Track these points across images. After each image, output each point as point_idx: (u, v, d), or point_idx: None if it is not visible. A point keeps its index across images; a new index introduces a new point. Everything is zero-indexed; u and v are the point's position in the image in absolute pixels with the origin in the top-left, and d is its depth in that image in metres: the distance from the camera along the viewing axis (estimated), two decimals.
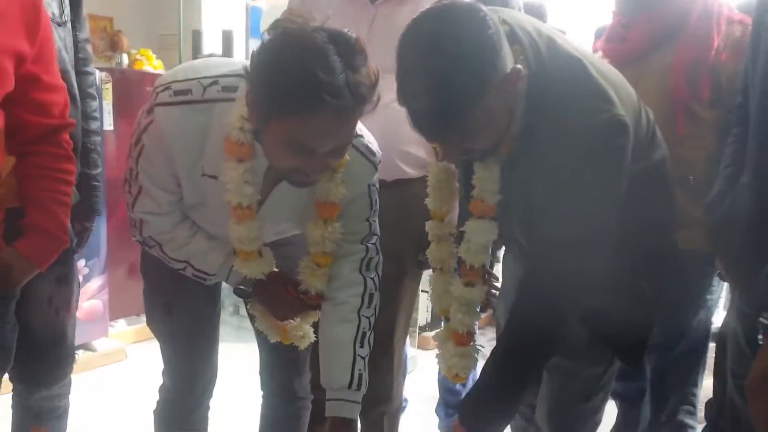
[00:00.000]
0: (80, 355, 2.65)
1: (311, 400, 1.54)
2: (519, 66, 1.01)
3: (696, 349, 1.68)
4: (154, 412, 1.50)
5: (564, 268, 1.08)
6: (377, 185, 1.28)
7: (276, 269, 1.28)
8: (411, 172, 1.55)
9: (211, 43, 3.28)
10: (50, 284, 1.40)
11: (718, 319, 1.86)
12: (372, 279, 1.29)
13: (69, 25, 1.45)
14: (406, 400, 2.14)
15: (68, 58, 1.42)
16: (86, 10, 1.56)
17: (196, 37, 2.95)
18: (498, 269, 1.58)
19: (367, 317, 1.28)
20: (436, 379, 2.26)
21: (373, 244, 1.30)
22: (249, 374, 2.28)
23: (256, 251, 1.23)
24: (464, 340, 1.31)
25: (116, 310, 2.98)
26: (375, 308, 1.30)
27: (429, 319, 3.29)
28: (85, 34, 1.55)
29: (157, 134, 1.12)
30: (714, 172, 1.46)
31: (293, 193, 1.19)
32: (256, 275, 1.25)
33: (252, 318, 1.39)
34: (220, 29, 3.26)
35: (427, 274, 1.59)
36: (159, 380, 1.49)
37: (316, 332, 1.36)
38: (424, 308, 3.24)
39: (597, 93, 1.06)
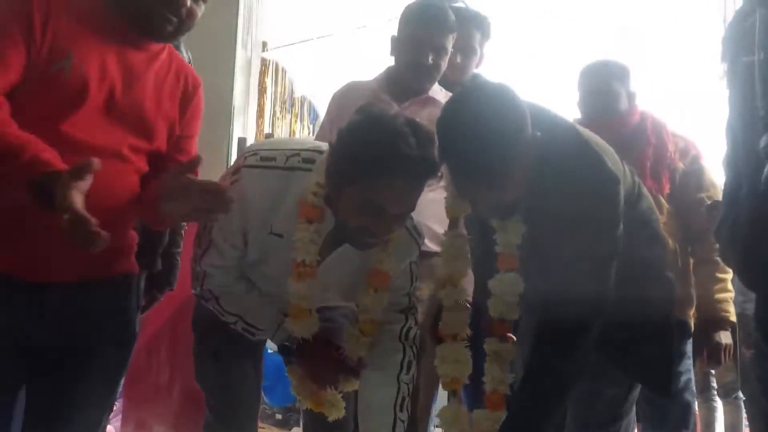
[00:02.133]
0: None
1: None
2: (537, 132, 1.24)
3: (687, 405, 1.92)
4: None
5: (575, 304, 1.24)
6: (418, 263, 1.45)
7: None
8: (432, 246, 1.74)
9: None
10: None
11: None
12: (411, 348, 1.41)
13: None
14: None
15: None
16: None
17: (242, 142, 3.31)
18: None
19: (406, 383, 1.38)
20: None
21: (412, 314, 1.43)
22: None
23: (308, 310, 1.35)
24: (500, 401, 1.35)
25: None
26: (413, 377, 1.40)
27: None
28: None
29: (239, 192, 1.30)
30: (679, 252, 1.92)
31: (347, 261, 1.37)
32: (302, 334, 1.36)
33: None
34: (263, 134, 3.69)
35: None
36: None
37: (347, 405, 1.44)
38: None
39: (589, 152, 1.32)
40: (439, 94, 1.95)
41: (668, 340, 1.43)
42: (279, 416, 3.83)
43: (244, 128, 3.62)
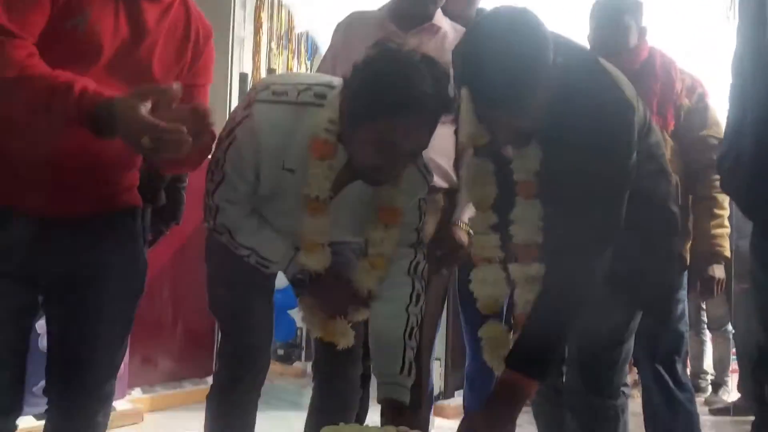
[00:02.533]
0: None
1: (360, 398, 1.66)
2: (559, 59, 1.23)
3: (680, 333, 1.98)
4: (208, 397, 1.61)
5: (589, 225, 1.27)
6: (426, 200, 1.46)
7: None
8: (437, 181, 1.74)
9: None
10: None
11: None
12: (419, 281, 1.44)
13: None
14: None
15: None
16: None
17: (243, 78, 3.27)
18: None
19: (415, 314, 1.42)
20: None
21: (421, 249, 1.46)
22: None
23: (321, 244, 1.37)
24: None
25: (132, 378, 3.02)
26: (421, 309, 1.44)
27: (442, 388, 3.32)
28: None
29: (251, 127, 1.30)
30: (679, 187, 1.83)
31: (358, 197, 1.38)
32: (315, 268, 1.37)
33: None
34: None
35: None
36: None
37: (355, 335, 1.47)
38: (436, 376, 3.28)
39: (607, 80, 1.31)
40: (444, 22, 1.93)
41: (671, 271, 1.47)
42: (281, 351, 3.94)
43: (241, 63, 3.56)
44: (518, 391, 1.25)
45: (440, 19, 1.92)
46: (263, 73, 3.70)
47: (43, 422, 1.39)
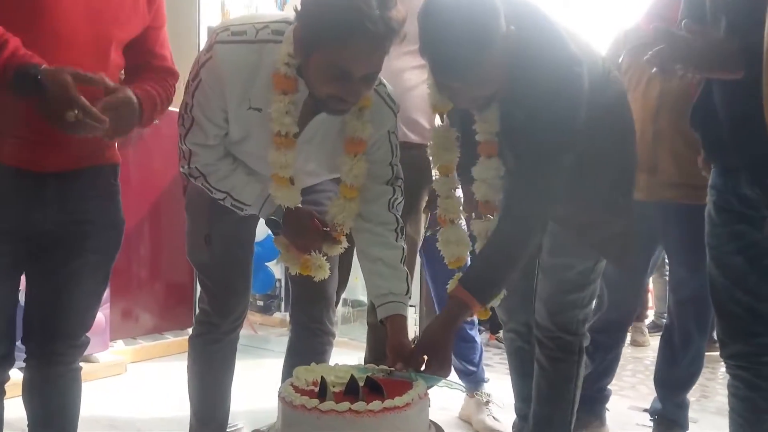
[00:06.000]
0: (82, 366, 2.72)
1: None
2: (512, 27, 1.28)
3: None
4: (190, 338, 1.68)
5: (541, 176, 1.35)
6: (397, 133, 1.49)
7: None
8: (413, 137, 1.81)
9: None
10: None
11: None
12: (399, 216, 1.49)
13: None
14: None
15: None
16: None
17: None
18: None
19: (402, 245, 1.48)
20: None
21: (398, 186, 1.49)
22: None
23: (289, 178, 1.40)
24: None
25: (115, 331, 3.08)
26: (404, 240, 1.49)
27: (417, 333, 3.42)
28: None
29: (214, 69, 1.32)
30: None
31: (325, 129, 1.40)
32: (287, 203, 1.41)
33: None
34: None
35: None
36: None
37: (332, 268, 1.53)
38: (411, 322, 3.38)
39: (554, 36, 1.36)
40: None
41: (622, 217, 1.55)
42: (261, 302, 4.03)
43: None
44: (462, 307, 1.35)
45: None
46: None
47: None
